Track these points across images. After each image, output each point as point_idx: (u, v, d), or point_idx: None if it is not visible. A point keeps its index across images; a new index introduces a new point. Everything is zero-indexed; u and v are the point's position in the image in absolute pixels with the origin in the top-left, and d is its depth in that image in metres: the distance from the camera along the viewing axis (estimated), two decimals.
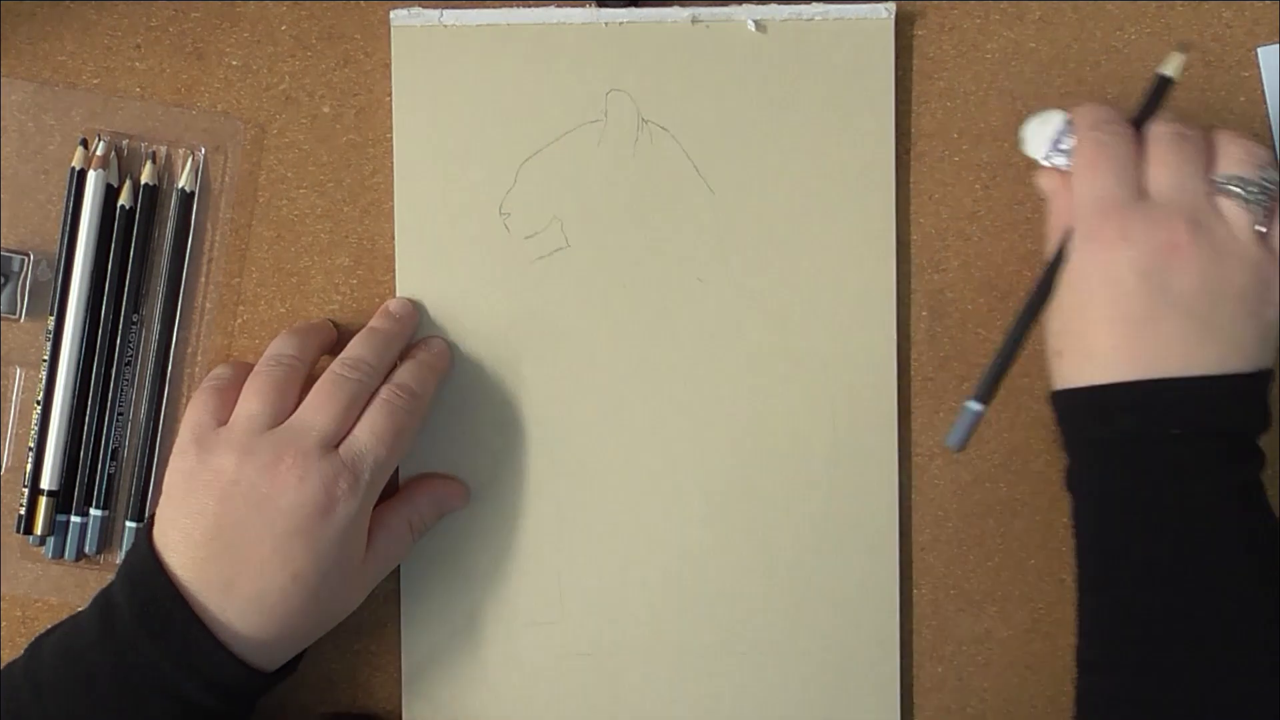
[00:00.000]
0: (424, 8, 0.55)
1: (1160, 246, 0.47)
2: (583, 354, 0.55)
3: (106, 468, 0.55)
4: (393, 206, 0.55)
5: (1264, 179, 0.48)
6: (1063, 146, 0.50)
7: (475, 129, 0.55)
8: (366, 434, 0.50)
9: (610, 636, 0.55)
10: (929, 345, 0.56)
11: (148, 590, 0.47)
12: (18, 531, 0.55)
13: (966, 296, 0.56)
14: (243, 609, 0.48)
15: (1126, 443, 0.47)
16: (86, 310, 0.54)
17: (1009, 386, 0.55)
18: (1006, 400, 0.56)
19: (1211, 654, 0.45)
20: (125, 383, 0.55)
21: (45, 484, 0.55)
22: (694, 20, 0.55)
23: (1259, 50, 0.56)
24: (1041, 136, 0.51)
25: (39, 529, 0.55)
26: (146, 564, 0.48)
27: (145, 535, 0.49)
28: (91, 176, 0.54)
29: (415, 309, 0.55)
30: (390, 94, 0.56)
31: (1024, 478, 0.56)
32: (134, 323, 0.55)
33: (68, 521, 0.55)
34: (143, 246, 0.55)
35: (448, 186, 0.55)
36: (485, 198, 0.55)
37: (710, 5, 0.55)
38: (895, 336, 0.55)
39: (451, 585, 0.55)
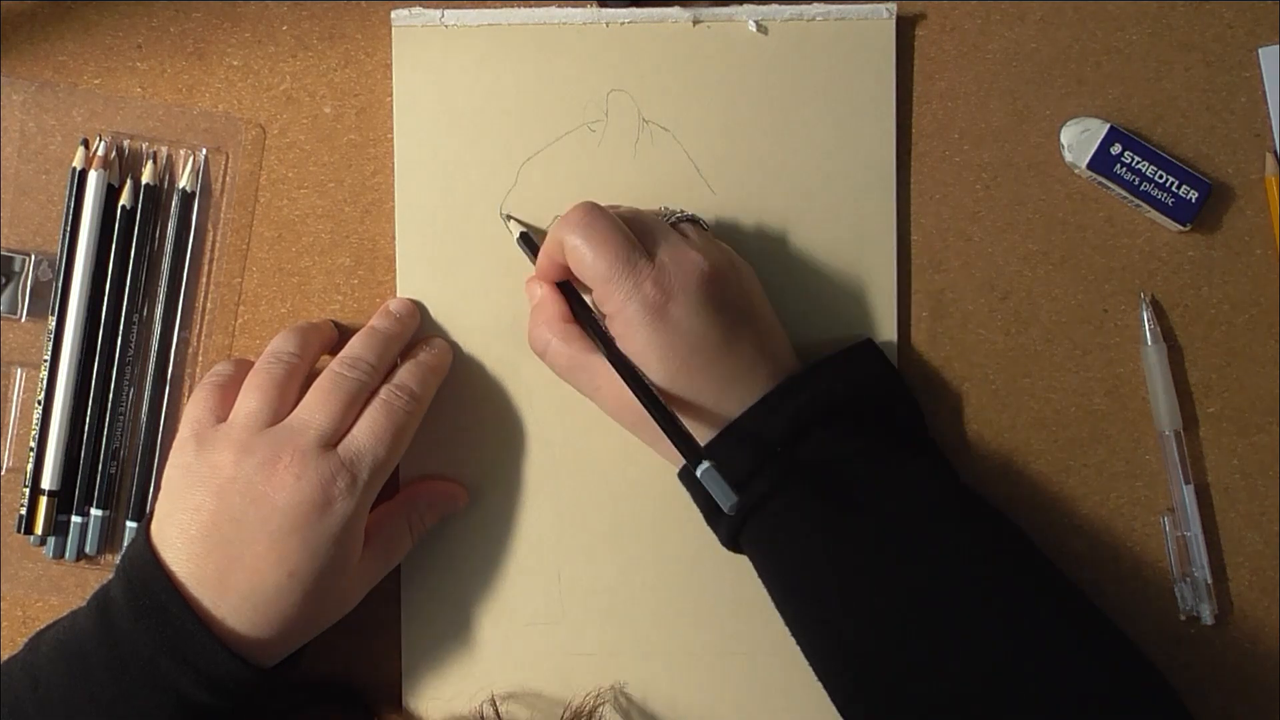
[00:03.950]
0: (425, 8, 0.55)
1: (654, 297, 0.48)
2: None
3: (107, 468, 0.55)
4: (393, 206, 0.55)
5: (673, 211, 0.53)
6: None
7: (476, 129, 0.55)
8: (365, 433, 0.50)
9: (611, 636, 0.55)
10: (929, 345, 0.56)
11: (144, 585, 0.48)
12: (18, 531, 0.55)
13: (967, 296, 0.56)
14: (238, 605, 0.48)
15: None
16: (87, 310, 0.54)
17: (1010, 388, 0.56)
18: (1007, 401, 0.56)
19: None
20: (126, 383, 0.55)
21: (46, 484, 0.55)
22: (695, 20, 0.55)
23: (1260, 51, 0.56)
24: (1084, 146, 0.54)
25: (40, 529, 0.55)
26: (143, 559, 0.48)
27: (143, 531, 0.49)
28: (92, 177, 0.54)
29: (416, 309, 0.55)
30: (391, 94, 0.56)
31: (1024, 478, 0.55)
32: (135, 323, 0.55)
33: (68, 521, 0.55)
34: (144, 247, 0.55)
35: (448, 186, 0.55)
36: (486, 198, 0.55)
37: (712, 5, 0.55)
38: (896, 336, 0.55)
39: (451, 585, 0.55)
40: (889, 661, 0.47)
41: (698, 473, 0.45)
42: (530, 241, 0.54)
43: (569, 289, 0.52)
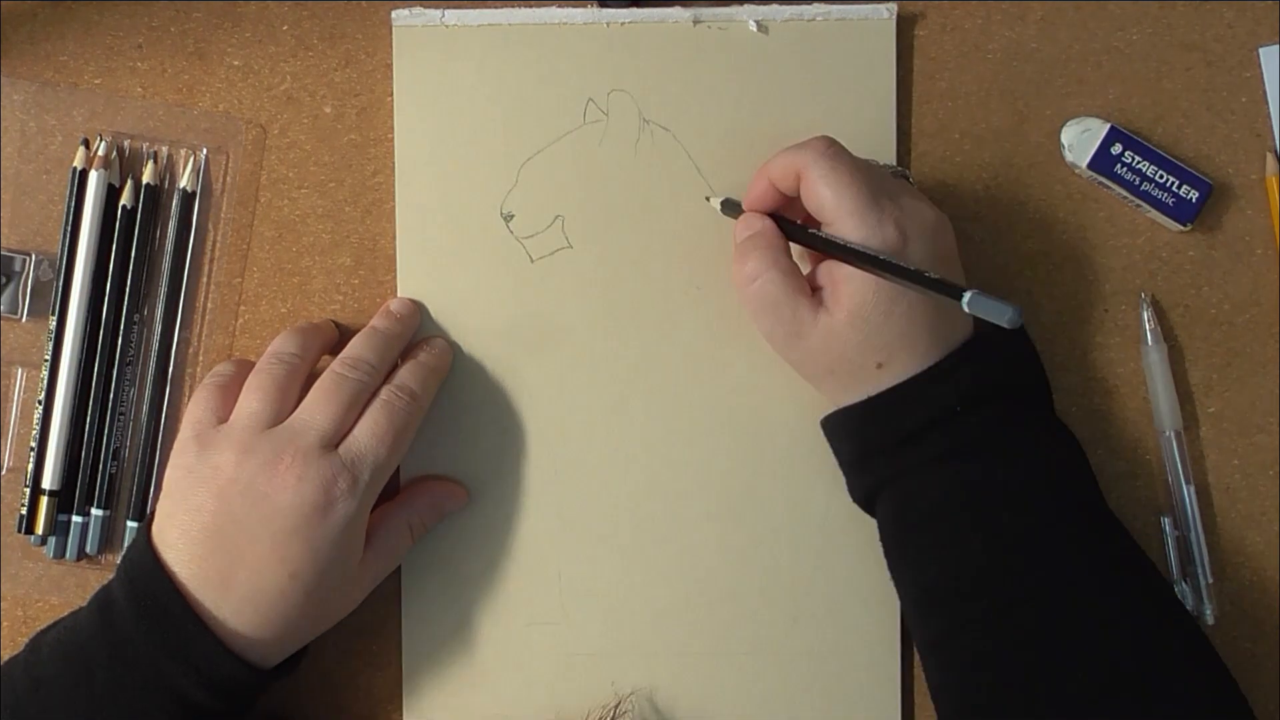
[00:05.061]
0: (425, 7, 0.55)
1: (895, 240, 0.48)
2: (583, 354, 0.55)
3: (108, 468, 0.55)
4: (394, 206, 0.55)
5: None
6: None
7: (477, 129, 0.55)
8: (366, 434, 0.50)
9: (611, 636, 0.55)
10: None
11: (145, 586, 0.48)
12: (19, 531, 0.55)
13: None
14: (239, 606, 0.48)
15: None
16: (88, 310, 0.55)
17: None
18: None
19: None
20: (126, 383, 0.55)
21: (46, 484, 0.55)
22: (696, 20, 0.55)
23: (1260, 50, 0.56)
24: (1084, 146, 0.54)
25: (40, 529, 0.55)
26: (145, 560, 0.48)
27: (144, 531, 0.49)
28: (93, 176, 0.54)
29: (416, 309, 0.55)
30: (391, 94, 0.56)
31: None
32: (135, 323, 0.55)
33: (69, 521, 0.55)
34: (144, 247, 0.55)
35: (449, 186, 0.55)
36: (486, 198, 0.55)
37: (712, 5, 0.55)
38: None
39: (452, 585, 0.55)
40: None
41: (964, 302, 0.44)
42: (735, 205, 0.54)
43: (789, 222, 0.52)
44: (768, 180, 0.51)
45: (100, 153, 0.55)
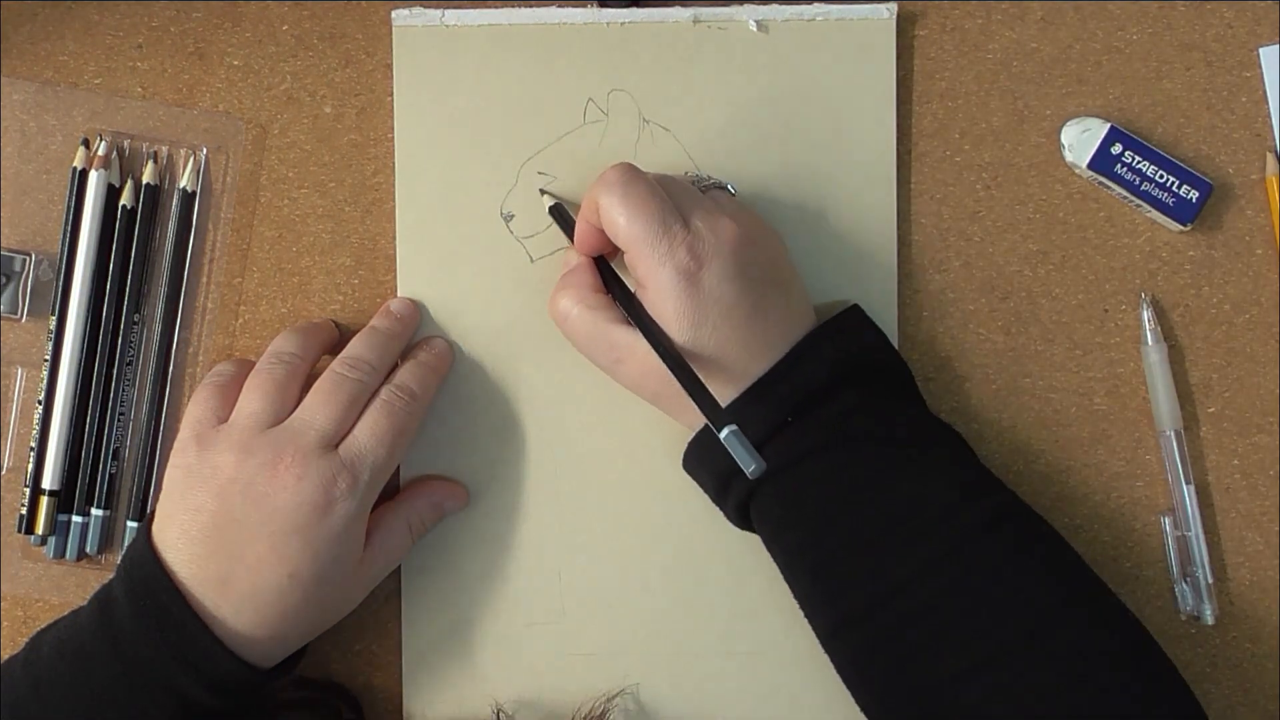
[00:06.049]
0: (425, 8, 0.55)
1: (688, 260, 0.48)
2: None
3: (108, 468, 0.55)
4: (394, 206, 0.55)
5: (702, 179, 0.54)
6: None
7: (477, 129, 0.55)
8: (366, 434, 0.50)
9: (611, 636, 0.55)
10: (929, 345, 0.56)
11: (145, 585, 0.48)
12: (19, 531, 0.55)
13: (967, 297, 0.56)
14: (239, 606, 0.48)
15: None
16: (88, 310, 0.55)
17: (1010, 388, 0.56)
18: (1007, 400, 0.56)
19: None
20: (126, 383, 0.55)
21: (46, 484, 0.55)
22: (695, 20, 0.55)
23: (1260, 50, 0.56)
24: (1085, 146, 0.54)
25: (40, 529, 0.55)
26: (144, 559, 0.48)
27: (144, 531, 0.50)
28: (93, 176, 0.55)
29: (416, 309, 0.55)
30: (392, 94, 0.56)
31: (1024, 478, 0.55)
32: (135, 323, 0.55)
33: (69, 521, 0.55)
34: (144, 246, 0.55)
35: (449, 186, 0.55)
36: (486, 198, 0.55)
37: (712, 5, 0.55)
38: (897, 337, 0.55)
39: (452, 585, 0.55)
40: (898, 636, 0.47)
41: (721, 436, 0.45)
42: (563, 213, 0.54)
43: (604, 262, 0.52)
44: (585, 221, 0.51)
45: (100, 153, 0.55)
